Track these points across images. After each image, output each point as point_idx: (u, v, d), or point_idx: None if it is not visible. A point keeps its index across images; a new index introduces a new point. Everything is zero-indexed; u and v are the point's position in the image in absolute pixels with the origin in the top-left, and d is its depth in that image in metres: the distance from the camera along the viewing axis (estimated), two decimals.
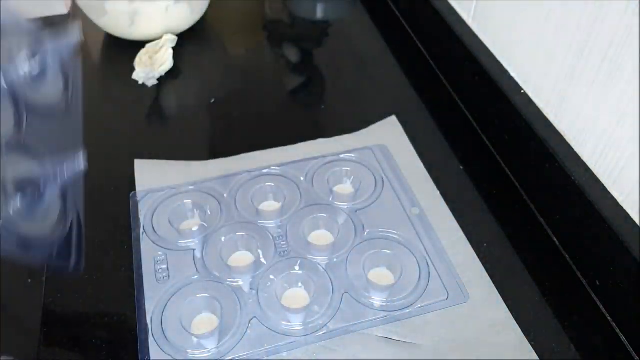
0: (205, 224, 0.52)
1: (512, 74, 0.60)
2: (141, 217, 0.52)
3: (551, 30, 0.52)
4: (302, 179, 0.56)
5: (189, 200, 0.54)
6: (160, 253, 0.50)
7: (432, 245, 0.51)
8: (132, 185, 0.57)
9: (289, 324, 0.45)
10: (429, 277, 0.48)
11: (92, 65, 0.77)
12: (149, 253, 0.50)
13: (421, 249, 0.50)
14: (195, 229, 0.51)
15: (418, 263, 0.49)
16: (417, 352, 0.45)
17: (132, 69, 0.72)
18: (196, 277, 0.48)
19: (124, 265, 0.51)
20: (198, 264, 0.49)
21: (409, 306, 0.46)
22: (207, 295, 0.46)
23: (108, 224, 0.55)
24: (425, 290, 0.47)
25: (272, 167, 0.57)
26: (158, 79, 0.72)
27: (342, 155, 0.59)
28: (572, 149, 0.52)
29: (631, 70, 0.43)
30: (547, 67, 0.54)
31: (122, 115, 0.68)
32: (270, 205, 0.55)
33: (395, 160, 0.58)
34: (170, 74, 0.73)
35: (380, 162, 0.58)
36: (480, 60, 0.62)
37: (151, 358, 0.43)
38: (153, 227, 0.52)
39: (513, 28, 0.59)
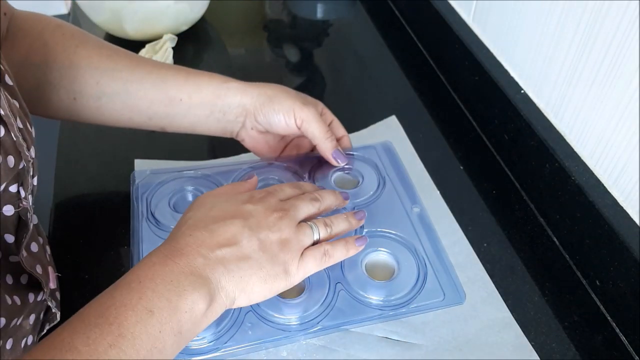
0: None
1: (512, 74, 0.60)
2: (142, 212, 0.52)
3: (551, 30, 0.52)
4: (304, 176, 0.56)
5: (191, 187, 0.54)
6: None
7: (431, 245, 0.50)
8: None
9: (284, 317, 0.45)
10: (426, 276, 0.48)
11: None
12: (149, 245, 0.49)
13: (420, 249, 0.50)
14: None
15: (416, 263, 0.49)
16: (418, 352, 0.45)
17: None
18: None
19: (125, 265, 0.51)
20: None
21: (404, 305, 0.46)
22: None
23: (109, 223, 0.55)
24: (421, 289, 0.47)
25: (275, 163, 0.57)
26: None
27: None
28: (572, 149, 0.52)
29: (631, 71, 0.43)
30: (547, 66, 0.54)
31: None
32: None
33: (398, 159, 0.58)
34: None
35: (382, 161, 0.58)
36: (480, 60, 0.62)
37: None
38: (155, 219, 0.51)
39: (513, 28, 0.59)
